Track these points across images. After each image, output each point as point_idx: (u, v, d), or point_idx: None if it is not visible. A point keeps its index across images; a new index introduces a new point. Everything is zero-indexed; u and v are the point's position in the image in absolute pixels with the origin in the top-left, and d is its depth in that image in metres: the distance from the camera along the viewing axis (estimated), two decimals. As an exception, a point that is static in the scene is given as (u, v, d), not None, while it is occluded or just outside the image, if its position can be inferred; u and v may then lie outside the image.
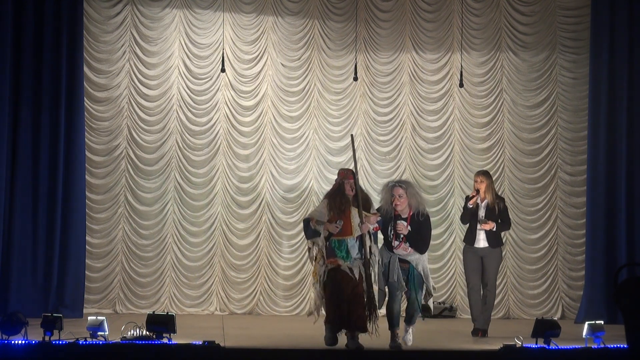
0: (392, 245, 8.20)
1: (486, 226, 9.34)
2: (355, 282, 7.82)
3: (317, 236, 7.87)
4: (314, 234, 7.88)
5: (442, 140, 12.00)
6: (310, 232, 7.91)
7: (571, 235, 11.92)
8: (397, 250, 8.20)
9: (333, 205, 7.88)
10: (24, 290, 10.45)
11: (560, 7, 12.05)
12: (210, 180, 11.63)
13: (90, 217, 11.22)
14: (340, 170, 8.17)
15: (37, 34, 10.66)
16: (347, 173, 7.98)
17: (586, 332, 8.02)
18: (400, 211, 8.21)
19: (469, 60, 11.92)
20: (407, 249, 8.18)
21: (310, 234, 7.92)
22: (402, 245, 8.17)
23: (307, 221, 7.95)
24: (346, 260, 7.87)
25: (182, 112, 11.62)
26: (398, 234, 8.17)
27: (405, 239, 8.18)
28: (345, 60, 11.86)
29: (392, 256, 8.20)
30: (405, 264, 8.23)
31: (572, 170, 11.98)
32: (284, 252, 11.70)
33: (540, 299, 11.83)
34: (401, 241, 8.17)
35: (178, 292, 11.43)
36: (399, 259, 8.20)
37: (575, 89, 12.02)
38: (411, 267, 8.22)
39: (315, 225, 7.87)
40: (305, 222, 8.00)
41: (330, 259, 7.87)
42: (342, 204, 7.85)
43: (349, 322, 7.77)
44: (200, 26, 11.69)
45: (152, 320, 7.69)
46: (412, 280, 8.22)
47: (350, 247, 7.89)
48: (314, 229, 7.87)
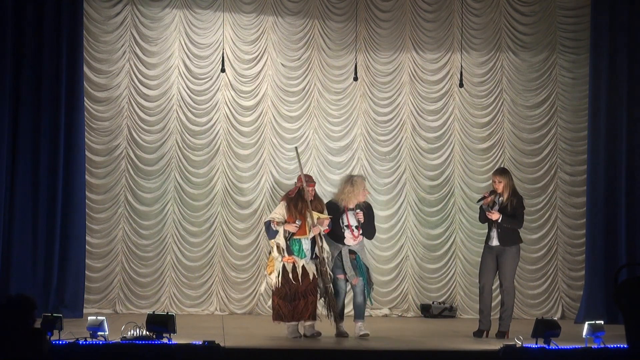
0: (342, 237, 8.89)
1: (491, 215, 9.15)
2: (310, 278, 8.62)
3: (277, 235, 8.65)
4: (276, 234, 8.64)
5: (442, 140, 12.00)
6: (272, 233, 8.67)
7: (571, 235, 11.93)
8: (348, 240, 8.90)
9: (292, 208, 8.65)
10: (24, 290, 10.40)
11: (560, 7, 12.05)
12: (210, 180, 11.63)
13: (90, 217, 11.22)
14: (300, 176, 8.85)
15: (37, 34, 10.66)
16: (308, 180, 8.77)
17: (586, 332, 8.02)
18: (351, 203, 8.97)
19: (469, 60, 11.92)
20: (357, 237, 8.90)
21: (272, 235, 8.68)
22: (353, 234, 8.89)
23: (269, 223, 8.71)
24: (303, 258, 8.64)
25: (182, 112, 11.62)
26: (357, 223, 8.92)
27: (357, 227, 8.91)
28: (345, 60, 11.86)
29: (342, 248, 8.89)
30: (353, 254, 8.91)
31: (572, 170, 11.98)
32: (284, 252, 11.70)
33: (540, 299, 11.83)
34: (354, 230, 8.89)
35: (178, 292, 11.43)
36: (349, 251, 8.87)
37: (575, 89, 12.02)
38: (357, 257, 8.90)
39: (276, 226, 8.62)
40: (267, 224, 8.76)
41: (288, 257, 8.61)
42: (301, 208, 8.62)
43: (303, 312, 8.56)
44: (200, 26, 11.69)
45: (152, 320, 7.68)
46: (360, 271, 8.91)
47: (305, 247, 8.66)
48: (275, 229, 8.63)
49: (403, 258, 11.83)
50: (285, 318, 8.59)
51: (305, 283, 8.60)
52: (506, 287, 9.17)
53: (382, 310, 11.69)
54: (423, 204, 11.92)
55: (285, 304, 8.57)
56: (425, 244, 11.88)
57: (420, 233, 11.88)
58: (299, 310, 8.56)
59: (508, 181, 9.27)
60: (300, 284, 8.58)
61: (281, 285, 8.59)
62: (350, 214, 8.95)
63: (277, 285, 8.61)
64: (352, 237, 8.90)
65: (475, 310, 11.63)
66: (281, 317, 8.61)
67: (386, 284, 11.78)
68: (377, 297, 11.71)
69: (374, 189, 11.86)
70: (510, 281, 9.22)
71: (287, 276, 8.57)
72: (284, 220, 8.64)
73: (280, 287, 8.60)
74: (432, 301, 11.66)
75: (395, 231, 11.85)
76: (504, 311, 9.15)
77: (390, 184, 11.91)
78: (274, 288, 8.64)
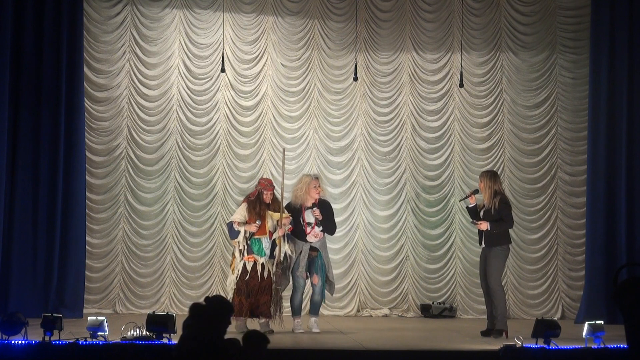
0: (304, 234, 9.27)
1: (479, 226, 9.25)
2: (266, 276, 9.12)
3: (238, 236, 9.15)
4: (237, 235, 9.15)
5: (442, 140, 12.00)
6: (234, 233, 9.18)
7: (571, 235, 11.92)
8: (310, 237, 9.29)
9: (252, 210, 9.18)
10: (24, 290, 10.45)
11: (560, 7, 12.05)
12: (210, 180, 11.63)
13: (90, 217, 11.22)
14: (261, 180, 9.42)
15: (37, 34, 10.66)
16: (267, 184, 9.30)
17: (586, 332, 8.01)
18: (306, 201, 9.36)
19: (469, 60, 11.92)
20: (318, 234, 9.30)
21: (234, 235, 9.19)
22: (314, 231, 9.27)
23: (231, 224, 9.20)
24: (262, 257, 9.16)
25: (182, 112, 11.62)
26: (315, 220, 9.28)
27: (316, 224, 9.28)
28: (345, 60, 11.86)
29: (304, 245, 9.27)
30: (314, 251, 9.32)
31: (572, 170, 11.98)
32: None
33: (540, 299, 11.82)
34: (313, 226, 9.27)
35: (178, 292, 11.43)
36: (310, 247, 9.29)
37: (575, 89, 12.02)
38: (319, 255, 9.30)
39: (238, 227, 9.13)
40: (229, 225, 9.25)
41: (249, 256, 9.14)
42: (260, 210, 9.16)
43: (257, 309, 9.05)
44: (200, 26, 11.69)
45: (152, 320, 7.69)
46: (318, 269, 9.30)
47: (265, 246, 9.16)
48: (237, 230, 9.14)
49: (403, 258, 11.83)
50: (245, 314, 9.05)
51: (263, 281, 9.12)
52: (492, 288, 9.20)
53: (382, 310, 11.69)
54: (423, 204, 11.91)
55: (245, 301, 9.06)
56: (425, 244, 11.87)
57: (420, 233, 11.88)
58: (256, 307, 9.07)
59: (488, 183, 9.32)
60: (259, 281, 9.09)
61: (241, 283, 9.09)
62: (307, 212, 9.34)
63: (237, 283, 9.12)
64: (313, 235, 9.29)
65: (475, 310, 11.71)
66: (241, 314, 9.04)
67: (386, 284, 11.78)
68: (377, 297, 11.74)
69: (375, 189, 11.86)
70: (495, 282, 9.20)
71: (247, 274, 9.09)
72: (245, 221, 9.14)
73: (240, 285, 9.10)
74: (432, 301, 11.66)
75: (395, 231, 11.85)
76: (495, 311, 9.20)
77: (390, 184, 11.91)
78: (234, 286, 9.14)
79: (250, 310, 9.07)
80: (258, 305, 9.07)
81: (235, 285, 9.12)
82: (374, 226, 11.85)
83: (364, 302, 11.74)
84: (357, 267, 11.77)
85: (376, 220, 11.88)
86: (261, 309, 9.06)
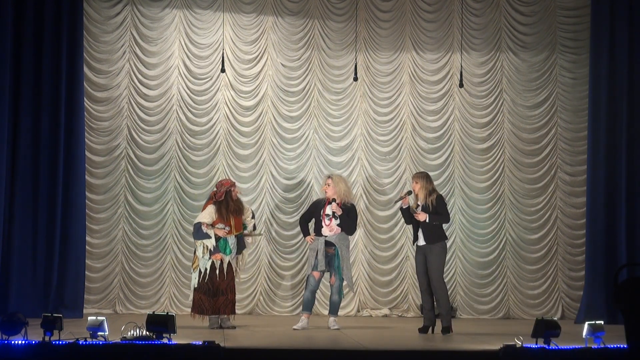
0: (320, 227, 9.63)
1: (418, 216, 9.39)
2: (232, 274, 9.54)
3: (206, 238, 9.45)
4: (205, 236, 9.45)
5: (442, 140, 12.00)
6: (201, 234, 9.47)
7: (571, 235, 11.92)
8: (324, 230, 9.61)
9: (220, 210, 9.51)
10: (24, 290, 10.45)
11: (560, 7, 12.05)
12: (210, 180, 11.63)
13: (90, 217, 11.22)
14: (223, 181, 9.78)
15: (37, 34, 10.67)
16: (231, 183, 9.72)
17: (586, 332, 8.01)
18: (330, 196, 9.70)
19: (469, 61, 11.92)
20: (333, 228, 9.60)
21: (201, 236, 9.47)
22: (331, 224, 9.60)
23: (199, 225, 9.49)
24: (228, 255, 9.52)
25: (182, 112, 11.62)
26: (332, 213, 9.60)
27: (334, 216, 9.59)
28: (345, 60, 11.86)
29: (319, 241, 9.58)
30: (331, 248, 9.59)
31: (572, 170, 11.98)
32: (284, 252, 11.70)
33: (540, 299, 11.82)
34: (331, 219, 9.60)
35: (178, 292, 11.44)
36: (325, 242, 9.56)
37: (575, 89, 12.02)
38: (336, 250, 9.57)
39: (207, 229, 9.45)
40: (197, 226, 9.52)
41: (216, 255, 9.48)
42: (227, 210, 9.51)
43: (223, 308, 9.43)
44: (200, 26, 11.69)
45: (152, 320, 7.68)
46: (336, 269, 9.58)
47: (231, 245, 9.52)
48: (205, 232, 9.44)
49: (403, 258, 11.83)
50: (206, 312, 9.45)
51: (227, 280, 9.50)
52: (434, 285, 9.36)
53: (382, 310, 11.69)
54: (423, 204, 11.90)
55: (207, 299, 9.44)
56: (425, 244, 11.86)
57: (420, 233, 11.87)
58: (219, 306, 9.44)
59: (424, 184, 9.52)
60: (224, 280, 9.48)
61: (204, 282, 9.44)
62: (328, 206, 9.68)
63: (200, 282, 9.45)
64: (328, 228, 9.62)
65: (475, 310, 11.71)
66: (202, 311, 9.45)
67: (386, 284, 11.78)
68: (377, 297, 11.74)
69: (375, 189, 11.86)
70: (438, 279, 9.36)
71: (214, 273, 9.46)
72: (212, 222, 9.49)
73: (203, 283, 9.45)
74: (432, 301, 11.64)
75: (395, 231, 11.85)
76: (440, 307, 9.37)
77: (390, 184, 11.90)
78: (196, 285, 9.49)
79: (213, 308, 9.42)
80: (220, 304, 9.43)
81: (198, 284, 9.46)
82: (374, 226, 11.85)
83: (364, 302, 11.74)
84: (357, 267, 11.76)
85: (376, 220, 11.87)
86: (224, 308, 9.45)
